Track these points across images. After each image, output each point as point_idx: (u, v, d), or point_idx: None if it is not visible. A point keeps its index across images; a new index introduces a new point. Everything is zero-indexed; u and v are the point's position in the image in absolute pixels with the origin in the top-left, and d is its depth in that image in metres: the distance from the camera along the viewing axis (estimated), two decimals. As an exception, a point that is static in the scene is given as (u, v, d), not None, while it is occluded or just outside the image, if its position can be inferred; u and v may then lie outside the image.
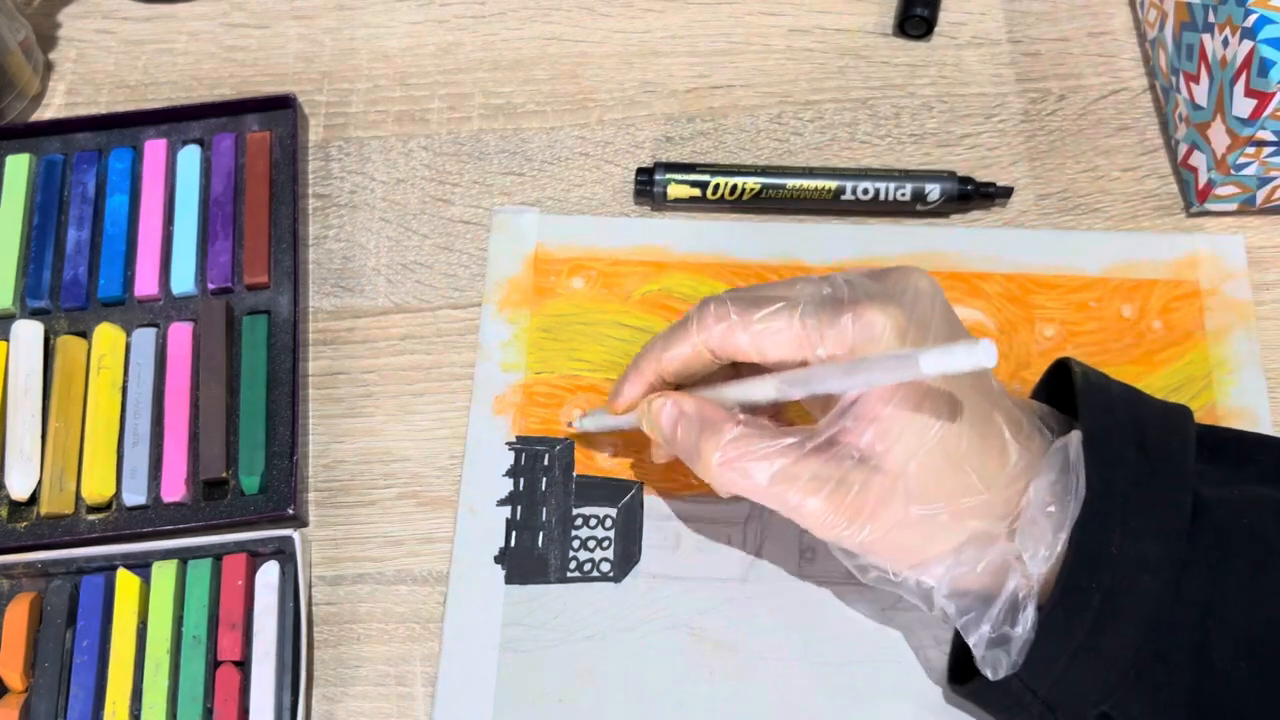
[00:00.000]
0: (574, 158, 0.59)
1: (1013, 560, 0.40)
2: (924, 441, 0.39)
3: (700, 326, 0.43)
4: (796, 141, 0.59)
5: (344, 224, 0.57)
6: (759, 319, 0.41)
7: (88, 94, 0.61)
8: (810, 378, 0.40)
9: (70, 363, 0.53)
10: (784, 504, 0.41)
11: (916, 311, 0.40)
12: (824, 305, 0.41)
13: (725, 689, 0.47)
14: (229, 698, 0.46)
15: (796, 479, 0.40)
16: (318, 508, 0.51)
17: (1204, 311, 0.53)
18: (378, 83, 0.61)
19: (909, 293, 0.41)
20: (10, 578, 0.49)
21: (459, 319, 0.55)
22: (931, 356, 0.36)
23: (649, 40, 0.61)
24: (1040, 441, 0.42)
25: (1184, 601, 0.39)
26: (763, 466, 0.40)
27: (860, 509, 0.40)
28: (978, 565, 0.40)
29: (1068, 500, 0.40)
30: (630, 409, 0.46)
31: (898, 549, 0.41)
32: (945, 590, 0.41)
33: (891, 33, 0.61)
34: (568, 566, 0.49)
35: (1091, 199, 0.57)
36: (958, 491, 0.40)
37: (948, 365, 0.36)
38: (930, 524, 0.40)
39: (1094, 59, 0.60)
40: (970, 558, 0.40)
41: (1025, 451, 0.41)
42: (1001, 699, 0.43)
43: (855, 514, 0.40)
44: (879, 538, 0.40)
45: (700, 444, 0.42)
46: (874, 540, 0.40)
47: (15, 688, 0.47)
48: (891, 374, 0.38)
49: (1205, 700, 0.40)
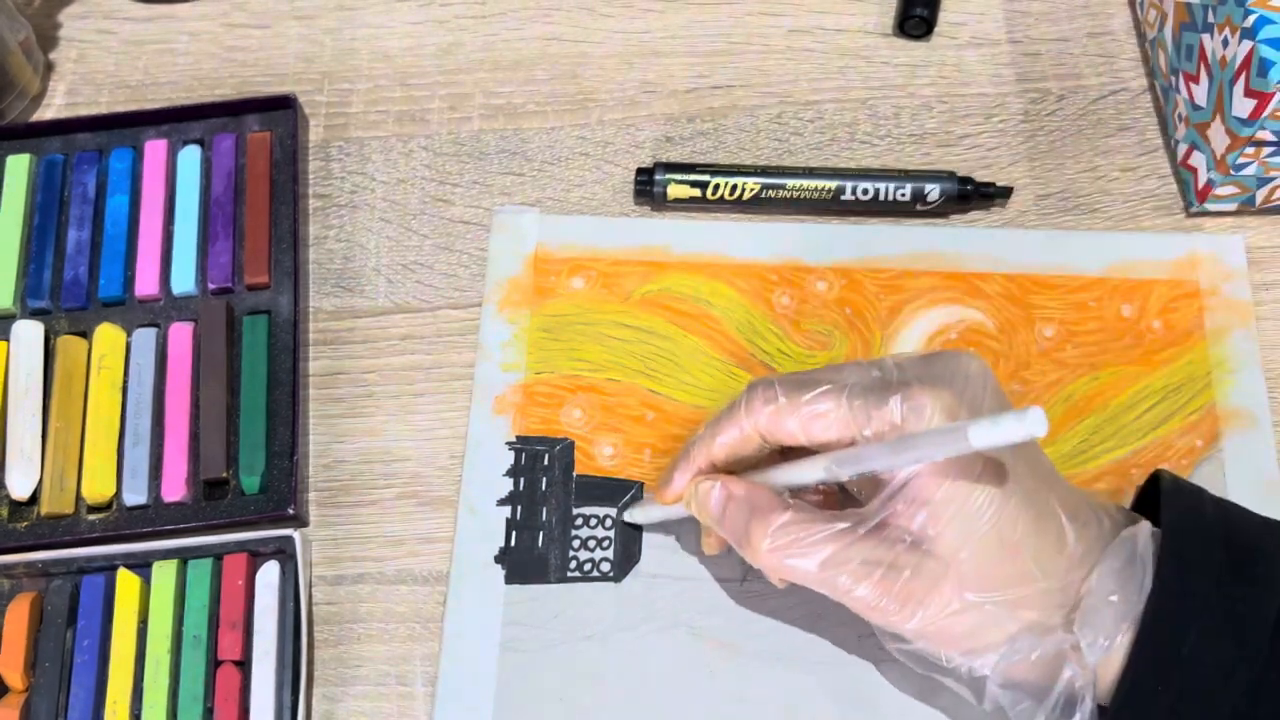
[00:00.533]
0: (574, 158, 0.59)
1: (1068, 650, 0.39)
2: (977, 526, 0.38)
3: (749, 410, 0.42)
4: (796, 141, 0.59)
5: (344, 224, 0.57)
6: (806, 400, 0.41)
7: (88, 94, 0.61)
8: (859, 457, 0.39)
9: (71, 363, 0.53)
10: (834, 589, 0.40)
11: (967, 394, 0.39)
12: (872, 388, 0.40)
13: (725, 689, 0.47)
14: (229, 697, 0.46)
15: (847, 564, 0.39)
16: (318, 508, 0.52)
17: (1204, 311, 0.53)
18: (378, 83, 0.61)
19: (959, 376, 0.40)
20: (10, 578, 0.49)
21: (459, 319, 0.55)
22: (980, 428, 0.35)
23: (649, 40, 0.61)
24: (1098, 529, 0.40)
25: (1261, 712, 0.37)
26: (813, 554, 0.40)
27: (911, 595, 0.39)
28: (1032, 654, 0.39)
29: (1131, 591, 0.38)
30: (679, 499, 0.45)
31: (949, 636, 0.39)
32: (999, 680, 0.40)
33: (891, 33, 0.61)
34: (568, 566, 0.49)
35: (1091, 199, 0.57)
36: (1013, 579, 0.39)
37: (997, 437, 0.35)
38: (984, 612, 0.39)
39: (1094, 59, 0.60)
40: (1025, 647, 0.39)
41: (1084, 538, 0.40)
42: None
43: (906, 600, 0.39)
44: (930, 624, 0.39)
45: (750, 529, 0.41)
46: (925, 627, 0.39)
47: (16, 687, 0.47)
48: (940, 449, 0.37)
49: None
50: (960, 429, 0.35)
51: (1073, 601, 0.39)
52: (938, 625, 0.39)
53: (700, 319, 0.54)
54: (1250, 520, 0.41)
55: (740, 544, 0.42)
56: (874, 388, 0.40)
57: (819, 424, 0.41)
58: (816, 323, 0.54)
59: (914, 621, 0.39)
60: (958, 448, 0.36)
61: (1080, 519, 0.40)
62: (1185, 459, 0.51)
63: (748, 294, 0.54)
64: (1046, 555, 0.39)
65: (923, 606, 0.39)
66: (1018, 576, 0.39)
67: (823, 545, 0.40)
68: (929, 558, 0.39)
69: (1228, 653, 0.38)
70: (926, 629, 0.39)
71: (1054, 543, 0.39)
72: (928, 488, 0.38)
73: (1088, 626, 0.38)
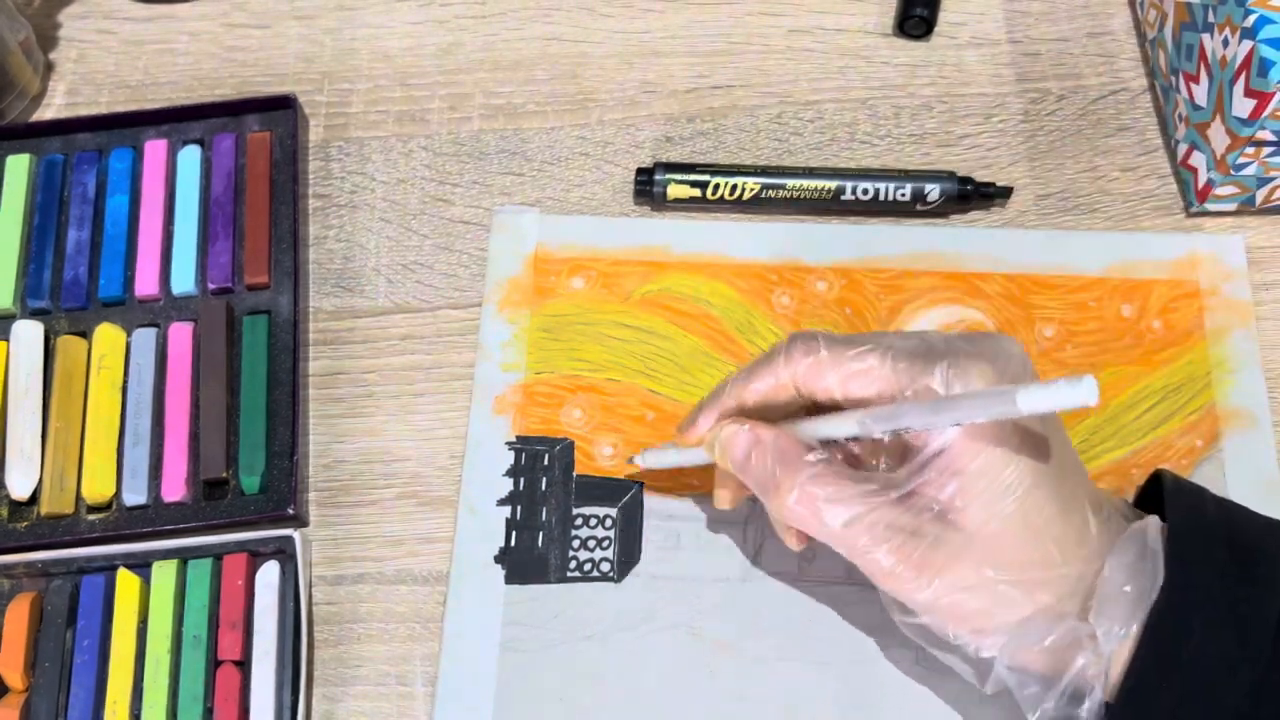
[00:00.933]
0: (574, 158, 0.59)
1: (1084, 638, 0.38)
2: (1006, 503, 0.38)
3: (789, 360, 0.41)
4: (796, 141, 0.59)
5: (344, 224, 0.57)
6: (851, 355, 0.40)
7: (88, 94, 0.61)
8: (897, 413, 0.39)
9: (71, 363, 0.53)
10: (852, 549, 0.40)
11: (1009, 372, 0.39)
12: (916, 353, 0.40)
13: (725, 689, 0.47)
14: (229, 697, 0.46)
15: (873, 526, 0.39)
16: (318, 508, 0.52)
17: (1203, 311, 0.53)
18: (378, 83, 0.61)
19: (1001, 354, 0.40)
20: (10, 578, 0.49)
21: (459, 319, 0.55)
22: (1030, 393, 0.34)
23: (649, 40, 0.61)
24: (1118, 524, 0.40)
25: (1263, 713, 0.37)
26: (840, 510, 0.39)
27: (928, 564, 0.38)
28: (1046, 639, 0.38)
29: (1144, 584, 0.38)
30: (700, 442, 0.44)
31: (962, 612, 0.39)
32: (1007, 661, 0.39)
33: (891, 33, 0.61)
34: (568, 566, 0.49)
35: (1091, 199, 0.57)
36: (1034, 561, 0.38)
37: (1047, 402, 0.34)
38: (999, 591, 0.39)
39: (1094, 59, 0.60)
40: (1038, 631, 0.39)
41: (1105, 531, 0.39)
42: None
43: (923, 568, 0.39)
44: (944, 597, 0.39)
45: (779, 477, 0.40)
46: (938, 599, 0.39)
47: (16, 687, 0.47)
48: (985, 410, 0.36)
49: None
50: (1008, 393, 0.35)
51: (1087, 591, 0.39)
52: (951, 599, 0.39)
53: (700, 319, 0.54)
54: (1253, 521, 0.41)
55: (765, 491, 0.41)
56: (918, 353, 0.40)
57: (859, 381, 0.40)
58: (816, 323, 0.54)
59: (928, 592, 0.39)
60: (1003, 410, 0.36)
61: (1103, 514, 0.40)
62: (1185, 459, 0.51)
63: (748, 294, 0.54)
64: (1069, 542, 0.39)
65: (939, 577, 0.38)
66: (1039, 559, 0.38)
67: (851, 503, 0.39)
68: (953, 529, 0.38)
69: (1231, 652, 0.37)
70: (939, 601, 0.39)
71: (1077, 531, 0.39)
72: (962, 457, 0.38)
73: (1103, 616, 0.38)
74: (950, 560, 0.38)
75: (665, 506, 0.50)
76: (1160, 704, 0.38)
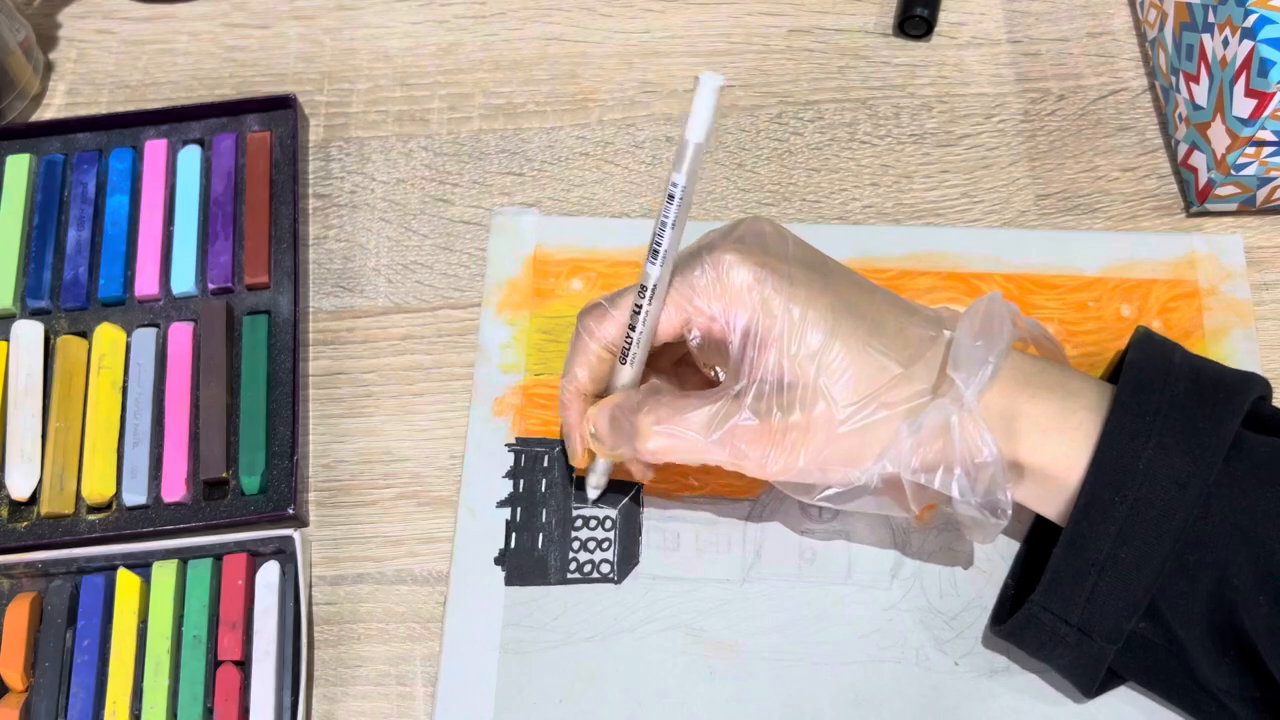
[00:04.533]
0: (574, 158, 0.59)
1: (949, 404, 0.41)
2: (816, 337, 0.41)
3: (587, 332, 0.45)
4: (796, 141, 0.59)
5: (344, 224, 0.57)
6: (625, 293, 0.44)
7: (88, 94, 0.61)
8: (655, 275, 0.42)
9: (70, 363, 0.53)
10: (725, 452, 0.42)
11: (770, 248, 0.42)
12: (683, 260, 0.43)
13: (725, 689, 0.47)
14: (229, 697, 0.46)
15: (728, 420, 0.41)
16: (318, 508, 0.52)
17: (1203, 311, 0.53)
18: (378, 83, 0.61)
19: (756, 235, 0.43)
20: (10, 578, 0.49)
21: (459, 319, 0.55)
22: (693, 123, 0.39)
23: (649, 40, 0.61)
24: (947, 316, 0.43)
25: (1211, 521, 0.40)
26: (695, 421, 0.42)
27: (790, 431, 0.41)
28: (923, 430, 0.41)
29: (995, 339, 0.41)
30: (590, 457, 0.48)
31: (845, 456, 0.42)
32: (914, 465, 0.41)
33: (891, 33, 0.61)
34: (568, 568, 0.49)
35: (1091, 199, 0.57)
36: (874, 375, 0.41)
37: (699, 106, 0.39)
38: (863, 421, 0.41)
39: (1094, 59, 0.60)
40: (914, 427, 0.41)
41: (925, 322, 0.43)
42: (1037, 634, 0.43)
43: (786, 436, 0.41)
44: (822, 451, 0.41)
45: (636, 421, 0.43)
46: (818, 455, 0.41)
47: (16, 687, 0.47)
48: None
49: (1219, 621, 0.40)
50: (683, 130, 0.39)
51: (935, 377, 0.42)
52: (829, 451, 0.41)
53: (700, 319, 0.54)
54: (1221, 366, 0.43)
55: (634, 440, 0.43)
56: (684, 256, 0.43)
57: None
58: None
59: (804, 457, 0.41)
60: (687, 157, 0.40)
61: (914, 310, 0.43)
62: (1185, 459, 0.50)
63: (747, 294, 0.54)
64: (896, 343, 0.42)
65: (806, 437, 0.41)
66: (877, 370, 0.41)
67: (700, 409, 0.42)
68: (795, 389, 0.41)
69: (1182, 467, 0.40)
70: (820, 457, 0.41)
71: (896, 331, 0.42)
72: (761, 326, 0.41)
73: (959, 369, 0.41)
74: (809, 423, 0.41)
75: (665, 507, 0.50)
76: (1115, 513, 0.40)
